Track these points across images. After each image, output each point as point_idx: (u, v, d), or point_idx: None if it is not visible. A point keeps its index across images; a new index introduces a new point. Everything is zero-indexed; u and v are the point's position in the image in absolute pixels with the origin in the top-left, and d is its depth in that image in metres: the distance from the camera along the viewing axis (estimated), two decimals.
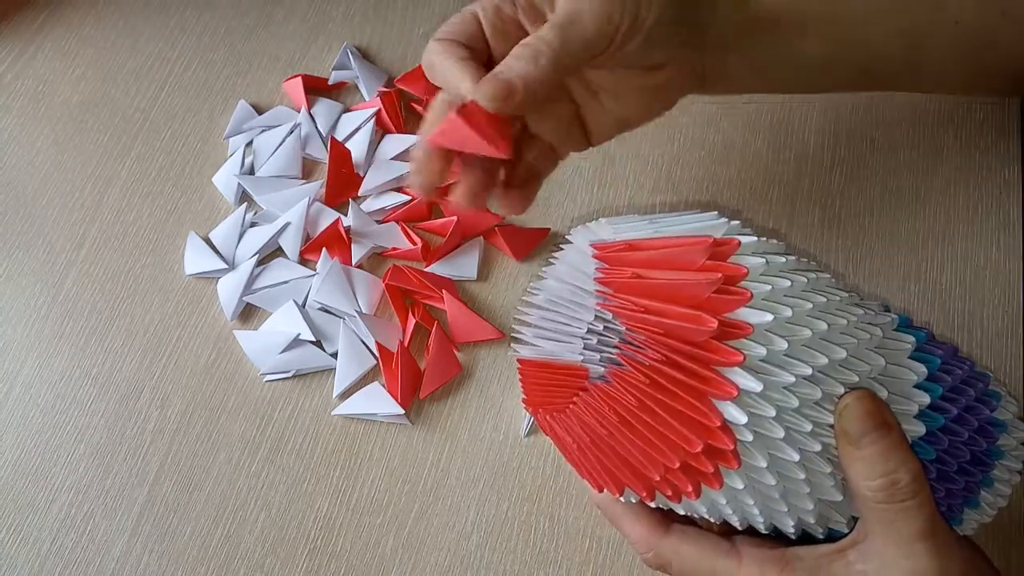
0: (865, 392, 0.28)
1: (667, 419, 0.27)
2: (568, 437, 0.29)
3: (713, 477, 0.27)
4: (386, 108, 0.56)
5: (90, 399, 0.50)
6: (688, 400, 0.26)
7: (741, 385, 0.26)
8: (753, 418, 0.26)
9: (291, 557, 0.45)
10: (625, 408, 0.27)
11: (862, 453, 0.27)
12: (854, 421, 0.27)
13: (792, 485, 0.28)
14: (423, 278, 0.50)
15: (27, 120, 0.59)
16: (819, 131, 0.55)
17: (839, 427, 0.27)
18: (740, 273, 0.27)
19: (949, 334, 0.49)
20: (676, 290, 0.27)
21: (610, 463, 0.29)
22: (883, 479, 0.27)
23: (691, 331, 0.26)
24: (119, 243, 0.54)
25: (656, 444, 0.27)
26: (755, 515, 0.29)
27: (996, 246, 0.51)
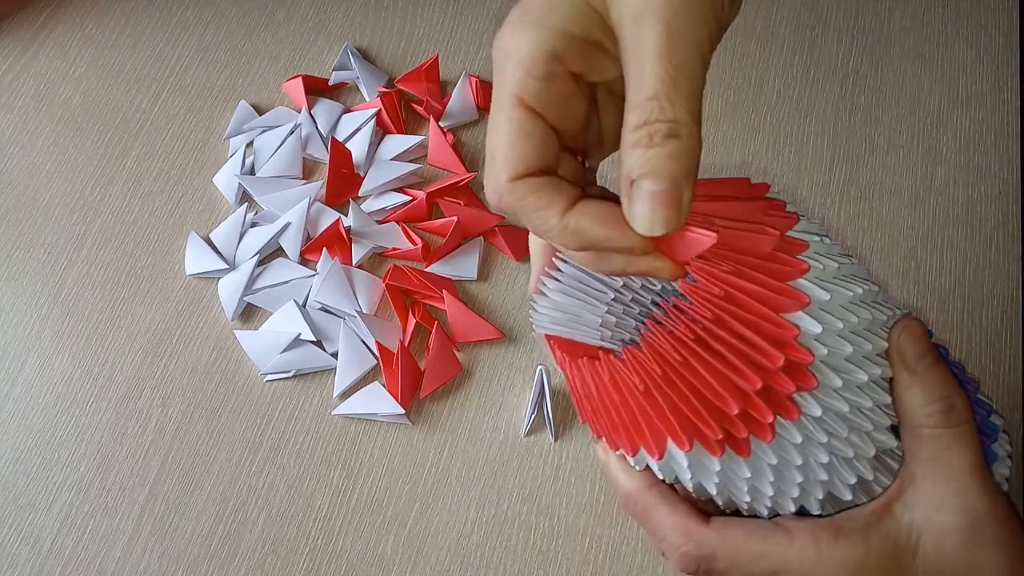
0: (917, 321, 0.28)
1: (745, 332, 0.25)
2: (637, 375, 0.26)
3: (791, 404, 0.26)
4: (386, 108, 0.56)
5: (91, 399, 0.50)
6: (762, 311, 0.25)
7: (810, 294, 0.26)
8: (824, 331, 0.26)
9: (291, 556, 0.45)
10: (702, 326, 0.25)
11: (920, 378, 0.27)
12: (912, 343, 0.27)
13: (858, 421, 0.27)
14: (423, 278, 0.50)
15: (28, 120, 0.59)
16: (819, 131, 0.55)
17: (895, 351, 0.27)
18: (781, 203, 0.27)
19: (949, 334, 0.49)
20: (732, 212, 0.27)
21: (682, 401, 0.26)
22: (941, 403, 0.27)
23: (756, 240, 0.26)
24: (120, 243, 0.54)
25: (735, 364, 0.25)
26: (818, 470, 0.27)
27: (995, 246, 0.51)
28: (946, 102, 0.56)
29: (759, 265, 0.26)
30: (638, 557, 0.44)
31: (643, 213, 0.23)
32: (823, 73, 0.57)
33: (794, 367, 0.25)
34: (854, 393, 0.27)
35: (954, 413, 0.27)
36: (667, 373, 0.26)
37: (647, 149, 0.22)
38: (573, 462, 0.47)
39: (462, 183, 0.53)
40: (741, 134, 0.55)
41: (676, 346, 0.26)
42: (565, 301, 0.30)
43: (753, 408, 0.26)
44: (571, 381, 0.29)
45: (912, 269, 0.51)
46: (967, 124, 0.55)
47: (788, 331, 0.25)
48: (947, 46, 0.58)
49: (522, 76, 0.24)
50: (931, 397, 0.27)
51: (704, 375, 0.26)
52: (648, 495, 0.30)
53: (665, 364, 0.26)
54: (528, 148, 0.24)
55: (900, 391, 0.28)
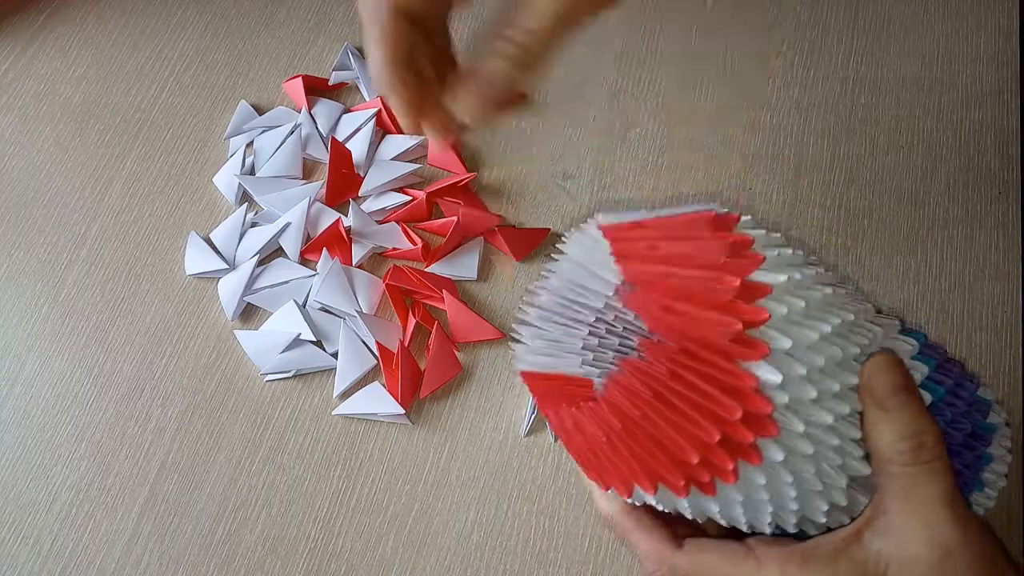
0: (890, 355, 0.28)
1: (701, 386, 0.26)
2: (597, 428, 0.28)
3: (752, 450, 0.26)
4: (387, 108, 0.56)
5: (91, 398, 0.50)
6: (720, 364, 0.26)
7: (771, 344, 0.26)
8: (786, 379, 0.26)
9: (291, 556, 0.45)
10: (657, 381, 0.26)
11: (890, 415, 0.27)
12: (882, 380, 0.27)
13: (825, 458, 0.27)
14: (423, 278, 0.50)
15: (28, 120, 0.59)
16: (819, 131, 0.55)
17: (865, 387, 0.27)
18: (747, 241, 0.27)
19: (949, 334, 0.49)
20: (692, 257, 0.27)
21: (644, 451, 0.27)
22: (911, 440, 0.27)
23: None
24: (120, 243, 0.54)
25: (693, 416, 0.26)
26: (789, 500, 0.28)
27: (995, 246, 0.51)
28: (946, 102, 0.56)
29: (716, 319, 0.26)
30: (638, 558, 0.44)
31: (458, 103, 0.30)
32: (823, 73, 0.57)
33: (753, 418, 0.26)
34: (818, 436, 0.27)
35: (924, 450, 0.27)
36: (627, 426, 0.27)
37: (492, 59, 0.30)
38: (573, 462, 0.47)
39: (462, 183, 0.53)
40: (741, 134, 0.55)
41: (634, 402, 0.27)
42: (546, 331, 0.31)
43: (713, 456, 0.26)
44: (566, 431, 0.30)
45: (912, 269, 0.51)
46: (967, 124, 0.55)
47: (746, 381, 0.25)
48: (947, 46, 0.58)
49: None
50: (900, 435, 0.27)
51: (663, 427, 0.26)
52: (625, 520, 0.32)
53: (624, 418, 0.27)
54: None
55: (869, 427, 0.28)
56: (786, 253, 0.28)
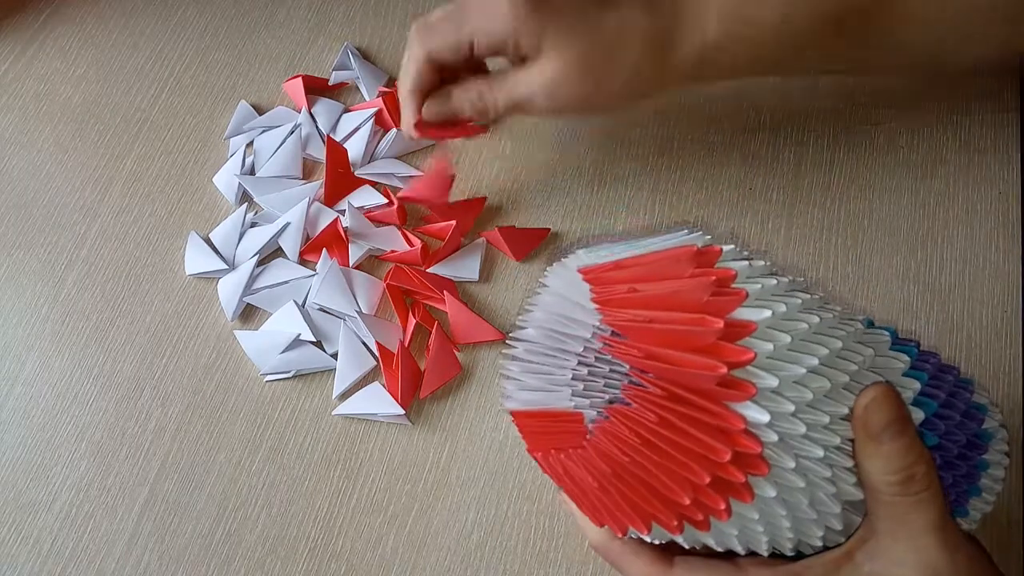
0: (885, 386, 0.28)
1: (690, 431, 0.26)
2: (587, 474, 0.28)
3: (744, 488, 0.26)
4: (387, 107, 0.56)
5: (91, 398, 0.50)
6: (707, 407, 0.26)
7: (757, 384, 0.26)
8: (774, 417, 0.26)
9: (291, 556, 0.45)
10: (646, 428, 0.27)
11: (882, 448, 0.27)
12: (875, 415, 0.27)
13: (819, 487, 0.27)
14: (424, 279, 0.50)
15: (28, 120, 0.59)
16: (819, 131, 0.55)
17: (859, 421, 0.27)
18: (729, 275, 0.27)
19: (949, 334, 0.49)
20: (673, 298, 0.27)
21: (635, 495, 0.28)
22: (902, 473, 0.27)
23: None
24: (120, 243, 0.54)
25: (683, 461, 0.26)
26: (784, 530, 0.28)
27: (995, 246, 0.51)
28: (946, 102, 0.56)
29: (701, 363, 0.26)
30: None
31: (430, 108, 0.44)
32: None
33: (743, 458, 0.26)
34: (810, 468, 0.27)
35: (914, 482, 0.27)
36: (616, 472, 0.27)
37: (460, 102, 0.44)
38: None
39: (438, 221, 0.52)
40: (741, 134, 0.55)
41: (622, 449, 0.27)
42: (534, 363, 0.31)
43: (705, 497, 0.27)
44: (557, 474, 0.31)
45: (912, 269, 0.51)
46: (967, 124, 0.55)
47: (734, 423, 0.26)
48: None
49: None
50: (892, 468, 0.27)
51: (653, 471, 0.27)
52: (612, 545, 0.32)
53: (614, 464, 0.27)
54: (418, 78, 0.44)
55: (861, 458, 0.28)
56: (770, 284, 0.28)
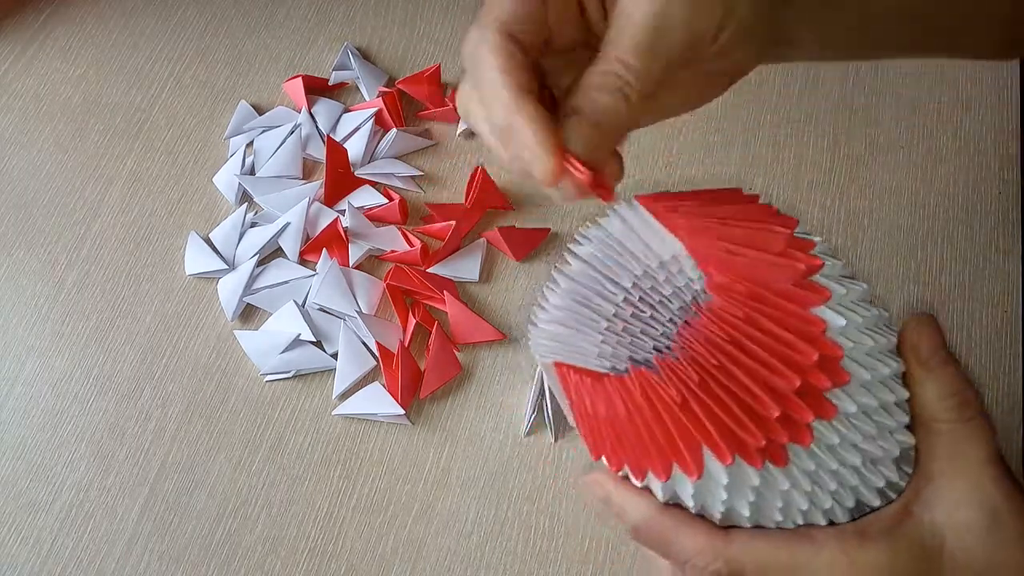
0: (928, 315, 0.28)
1: (776, 329, 0.25)
2: (672, 388, 0.25)
3: (827, 402, 0.25)
4: (387, 107, 0.56)
5: (91, 398, 0.50)
6: (790, 308, 0.25)
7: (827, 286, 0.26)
8: (848, 325, 0.26)
9: (291, 556, 0.45)
10: (734, 327, 0.25)
11: (934, 373, 0.27)
12: (926, 337, 0.28)
13: (883, 418, 0.27)
14: (424, 279, 0.50)
15: (28, 120, 0.59)
16: (819, 131, 0.55)
17: (909, 347, 0.28)
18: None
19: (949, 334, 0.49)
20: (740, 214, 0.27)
21: (722, 410, 0.25)
22: (956, 397, 0.27)
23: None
24: (120, 243, 0.54)
25: (772, 364, 0.25)
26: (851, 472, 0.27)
27: (996, 246, 0.51)
28: (946, 102, 0.56)
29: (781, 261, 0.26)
30: (638, 557, 0.44)
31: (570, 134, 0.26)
32: (823, 73, 0.57)
33: (827, 362, 0.25)
34: (879, 388, 0.27)
35: (968, 407, 0.27)
36: (704, 380, 0.25)
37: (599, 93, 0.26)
38: (573, 462, 0.47)
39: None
40: (741, 134, 0.55)
41: (711, 350, 0.25)
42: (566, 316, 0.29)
43: (793, 409, 0.25)
44: (587, 407, 0.28)
45: (912, 269, 0.51)
46: (967, 124, 0.55)
47: (816, 325, 0.25)
48: None
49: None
50: (945, 392, 0.27)
51: (742, 378, 0.25)
52: (663, 519, 0.28)
53: (701, 370, 0.25)
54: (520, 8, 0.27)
55: (914, 386, 0.28)
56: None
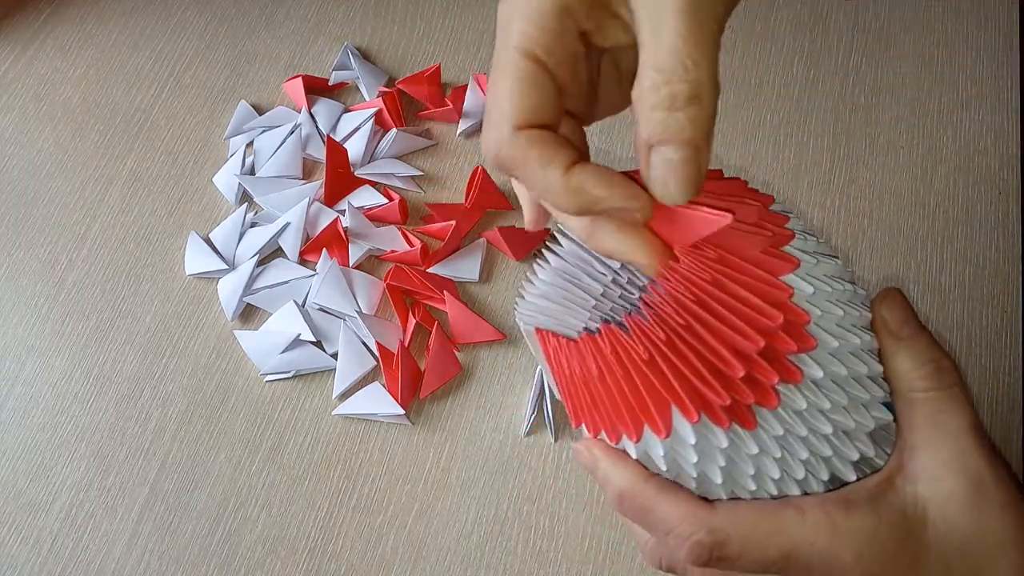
0: (896, 289, 0.28)
1: (743, 293, 0.25)
2: (640, 346, 0.25)
3: (793, 365, 0.25)
4: (387, 107, 0.56)
5: (91, 398, 0.50)
6: (758, 273, 0.25)
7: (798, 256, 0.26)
8: (817, 293, 0.26)
9: (291, 556, 0.45)
10: (701, 288, 0.25)
11: (907, 343, 0.27)
12: (895, 309, 0.27)
13: (855, 390, 0.27)
14: (424, 279, 0.50)
15: (28, 120, 0.59)
16: (819, 131, 0.55)
17: (879, 319, 0.28)
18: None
19: (949, 334, 0.49)
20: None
21: (687, 368, 0.25)
22: (931, 364, 0.27)
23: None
24: (120, 243, 0.54)
25: (738, 325, 0.25)
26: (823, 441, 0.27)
27: (995, 246, 0.51)
28: (946, 102, 0.56)
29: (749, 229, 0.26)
30: (638, 557, 0.44)
31: (662, 179, 0.22)
32: (823, 73, 0.57)
33: (792, 327, 0.25)
34: (849, 358, 0.27)
35: (943, 374, 0.27)
36: (671, 338, 0.25)
37: (669, 113, 0.22)
38: (573, 462, 0.47)
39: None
40: (741, 134, 0.55)
41: (678, 309, 0.25)
42: (554, 292, 0.29)
43: (757, 370, 0.25)
44: (564, 369, 0.28)
45: (912, 269, 0.51)
46: (967, 124, 0.55)
47: (783, 291, 0.25)
48: (947, 46, 0.58)
49: (532, 29, 0.23)
50: (920, 360, 0.27)
51: (707, 338, 0.25)
52: (646, 487, 0.28)
53: (668, 329, 0.25)
54: (535, 99, 0.24)
55: (888, 358, 0.28)
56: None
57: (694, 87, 0.21)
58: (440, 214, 0.52)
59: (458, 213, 0.52)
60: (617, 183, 0.23)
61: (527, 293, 0.30)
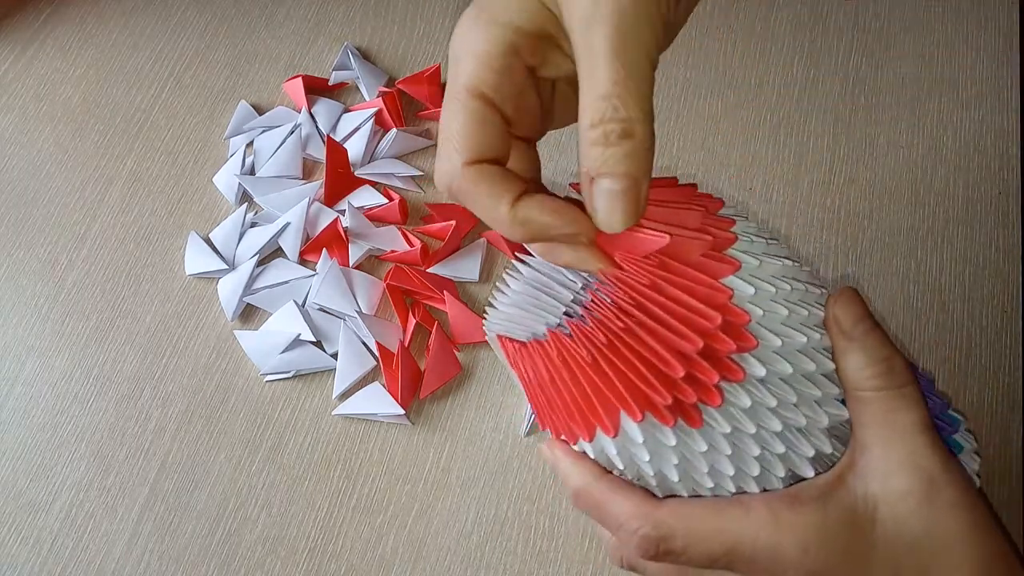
0: (851, 288, 0.28)
1: (681, 296, 0.26)
2: (583, 348, 0.26)
3: (734, 364, 0.26)
4: (387, 107, 0.56)
5: (91, 398, 0.50)
6: (696, 275, 0.26)
7: (740, 260, 0.26)
8: (758, 293, 0.26)
9: (291, 556, 0.45)
10: (639, 292, 0.26)
11: (858, 342, 0.27)
12: (847, 308, 0.28)
13: (804, 384, 0.27)
14: (424, 279, 0.50)
15: (28, 120, 0.59)
16: (819, 131, 0.55)
17: (831, 319, 0.28)
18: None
19: (949, 334, 0.49)
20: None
21: (629, 369, 0.26)
22: (882, 364, 0.27)
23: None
24: (120, 243, 0.54)
25: (675, 327, 0.26)
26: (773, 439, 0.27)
27: (995, 246, 0.51)
28: (946, 102, 0.56)
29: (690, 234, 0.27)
30: None
31: (603, 209, 0.24)
32: (823, 73, 0.57)
33: (732, 328, 0.26)
34: (795, 356, 0.27)
35: (895, 374, 0.27)
36: (611, 341, 0.26)
37: (604, 148, 0.24)
38: None
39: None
40: (741, 134, 0.55)
41: (617, 314, 0.26)
42: (520, 305, 0.30)
43: (697, 370, 0.26)
44: (524, 373, 0.29)
45: (912, 269, 0.51)
46: (967, 124, 0.55)
47: (723, 293, 0.26)
48: (947, 46, 0.58)
49: (480, 68, 0.25)
50: (870, 359, 0.27)
51: (646, 340, 0.26)
52: (599, 484, 0.29)
53: (609, 332, 0.26)
54: (484, 136, 0.26)
55: (839, 357, 0.28)
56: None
57: (626, 125, 0.23)
58: (440, 214, 0.52)
59: (458, 213, 0.52)
60: (561, 212, 0.25)
61: (496, 301, 0.31)
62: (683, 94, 0.57)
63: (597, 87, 0.23)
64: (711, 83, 0.57)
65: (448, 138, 0.26)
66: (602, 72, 0.23)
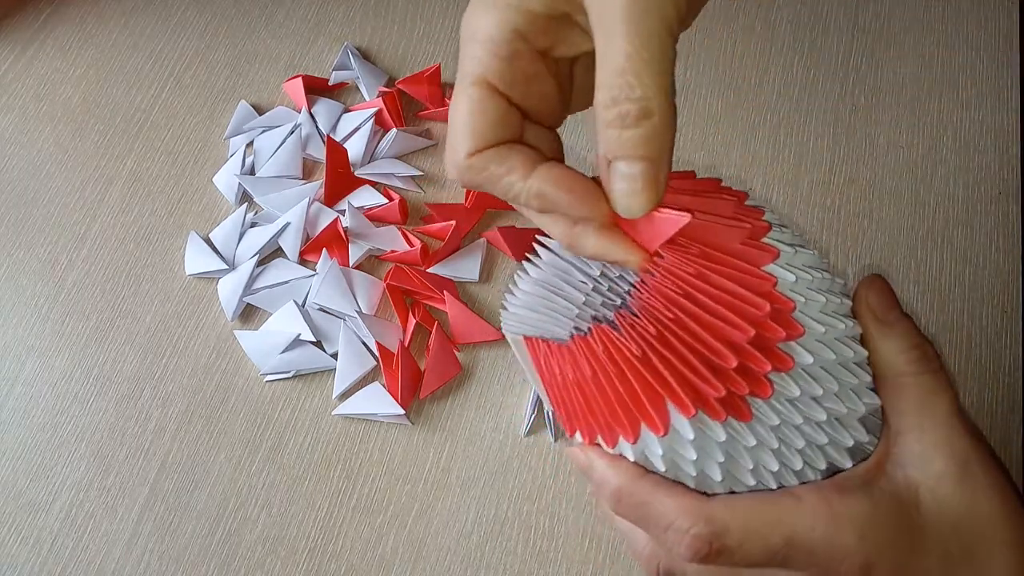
0: (881, 277, 0.28)
1: (728, 284, 0.25)
2: (632, 343, 0.25)
3: (784, 353, 0.25)
4: (387, 107, 0.56)
5: (91, 398, 0.50)
6: (739, 264, 0.25)
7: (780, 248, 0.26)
8: (799, 281, 0.26)
9: (291, 556, 0.45)
10: (687, 282, 0.25)
11: (893, 328, 0.27)
12: (879, 296, 0.28)
13: (844, 375, 0.27)
14: (424, 279, 0.50)
15: (28, 120, 0.59)
16: (819, 131, 0.55)
17: (864, 305, 0.28)
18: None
19: (949, 334, 0.49)
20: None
21: (681, 362, 0.25)
22: (917, 349, 0.27)
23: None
24: (120, 243, 0.54)
25: (726, 316, 0.25)
26: (817, 430, 0.27)
27: (995, 246, 0.51)
28: (946, 102, 0.56)
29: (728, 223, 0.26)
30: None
31: (621, 193, 0.23)
32: (823, 73, 0.57)
33: (779, 315, 0.25)
34: (836, 344, 0.27)
35: (929, 359, 0.27)
36: (661, 333, 0.25)
37: (621, 131, 0.22)
38: None
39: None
40: (741, 134, 0.55)
41: (667, 304, 0.25)
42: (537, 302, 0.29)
43: (750, 360, 0.25)
44: (556, 374, 0.28)
45: (912, 269, 0.51)
46: (967, 124, 0.55)
47: (767, 280, 0.26)
48: (947, 46, 0.58)
49: (484, 56, 0.24)
50: (906, 344, 0.27)
51: (697, 331, 0.25)
52: (642, 484, 0.27)
53: (658, 323, 0.25)
54: (485, 125, 0.25)
55: (876, 343, 0.28)
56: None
57: (643, 104, 0.22)
58: (440, 214, 0.52)
59: (458, 213, 0.52)
60: (575, 188, 0.24)
61: (510, 304, 0.30)
62: (683, 94, 0.57)
63: (611, 61, 0.22)
64: (711, 83, 0.57)
65: (453, 128, 0.25)
66: (616, 44, 0.22)
